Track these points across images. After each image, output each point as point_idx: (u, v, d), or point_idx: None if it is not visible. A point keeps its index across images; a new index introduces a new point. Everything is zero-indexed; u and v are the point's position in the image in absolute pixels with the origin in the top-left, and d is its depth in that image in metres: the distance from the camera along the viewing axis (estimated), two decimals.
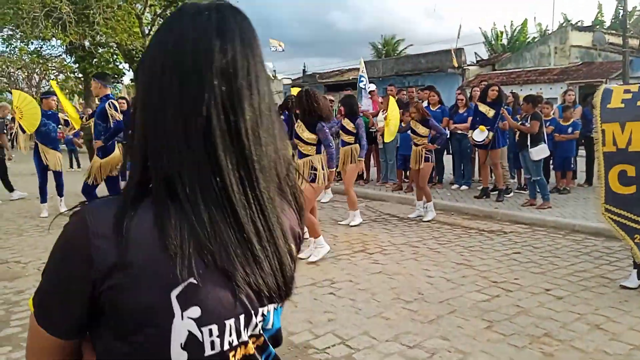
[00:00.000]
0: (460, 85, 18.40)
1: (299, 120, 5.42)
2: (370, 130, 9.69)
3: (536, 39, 26.72)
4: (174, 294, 0.76)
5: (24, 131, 7.97)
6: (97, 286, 0.77)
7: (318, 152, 5.31)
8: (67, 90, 29.73)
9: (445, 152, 9.63)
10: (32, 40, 24.78)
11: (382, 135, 9.44)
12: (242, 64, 0.81)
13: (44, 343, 0.85)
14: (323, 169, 5.27)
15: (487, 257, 5.26)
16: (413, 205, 7.92)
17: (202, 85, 0.78)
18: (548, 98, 11.65)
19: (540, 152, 7.16)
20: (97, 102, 6.77)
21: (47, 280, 0.83)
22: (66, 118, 9.94)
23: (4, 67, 31.06)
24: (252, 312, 0.83)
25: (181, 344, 0.77)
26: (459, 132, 8.98)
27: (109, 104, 6.31)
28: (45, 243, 6.11)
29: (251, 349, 0.85)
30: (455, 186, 9.23)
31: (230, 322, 0.80)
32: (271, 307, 0.87)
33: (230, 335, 0.81)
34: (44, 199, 7.77)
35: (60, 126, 9.58)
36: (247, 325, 0.83)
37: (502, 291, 4.26)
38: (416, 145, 7.04)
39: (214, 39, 0.80)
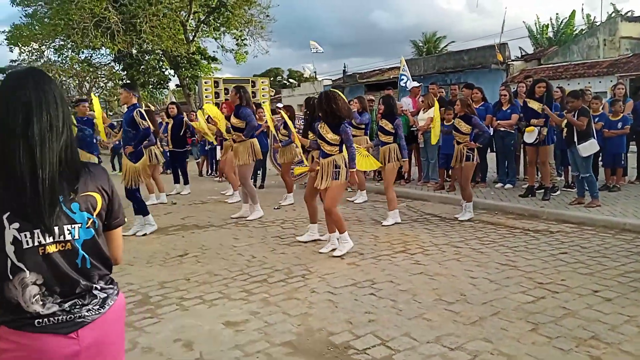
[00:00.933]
0: (504, 81, 17.99)
1: (321, 122, 5.53)
2: (412, 129, 9.62)
3: (584, 31, 25.82)
4: (4, 216, 1.47)
5: None
6: None
7: (340, 151, 5.45)
8: (115, 97, 30.71)
9: (488, 150, 9.44)
10: (82, 50, 25.77)
11: (423, 134, 9.38)
12: (36, 102, 1.55)
13: None
14: (345, 166, 5.41)
15: (533, 257, 5.14)
16: (457, 204, 7.83)
17: (9, 118, 1.51)
18: (597, 92, 11.27)
19: (589, 147, 6.93)
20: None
21: None
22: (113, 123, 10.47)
23: (56, 75, 32.35)
24: (53, 227, 1.51)
25: (10, 241, 1.47)
26: (502, 129, 8.79)
27: (136, 112, 6.68)
28: None
29: (52, 248, 1.52)
30: (499, 185, 9.04)
31: (36, 231, 1.50)
32: (75, 226, 1.56)
33: (38, 238, 1.50)
34: None
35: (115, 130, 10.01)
36: (50, 234, 1.51)
37: (548, 293, 4.15)
38: (458, 143, 6.99)
39: (19, 93, 1.54)
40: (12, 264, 1.47)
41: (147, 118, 6.80)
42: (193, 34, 25.46)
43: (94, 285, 1.62)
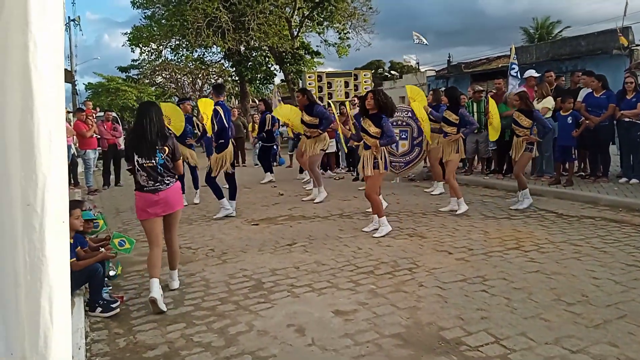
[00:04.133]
0: (627, 68, 16.50)
1: (364, 117, 6.09)
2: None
3: None
4: (134, 152, 4.26)
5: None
6: (129, 154, 4.39)
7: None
8: (226, 93, 32.04)
9: (611, 143, 8.74)
10: (195, 49, 27.25)
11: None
12: (149, 112, 4.29)
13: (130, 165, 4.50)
14: (382, 158, 5.92)
15: None
16: (574, 200, 7.43)
17: (142, 117, 4.30)
18: None
19: None
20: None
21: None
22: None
23: (172, 73, 34.54)
24: (151, 156, 4.22)
25: (137, 161, 4.25)
26: (627, 119, 8.09)
27: (214, 110, 7.43)
28: (212, 231, 6.74)
29: (149, 164, 4.21)
30: (623, 180, 8.33)
31: (144, 158, 4.22)
32: (157, 158, 4.22)
33: (144, 161, 4.22)
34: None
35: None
36: (149, 159, 4.21)
37: None
38: (517, 136, 7.01)
39: (145, 110, 4.35)
40: (137, 168, 4.19)
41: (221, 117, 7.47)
42: (297, 29, 25.98)
43: (163, 179, 4.22)
